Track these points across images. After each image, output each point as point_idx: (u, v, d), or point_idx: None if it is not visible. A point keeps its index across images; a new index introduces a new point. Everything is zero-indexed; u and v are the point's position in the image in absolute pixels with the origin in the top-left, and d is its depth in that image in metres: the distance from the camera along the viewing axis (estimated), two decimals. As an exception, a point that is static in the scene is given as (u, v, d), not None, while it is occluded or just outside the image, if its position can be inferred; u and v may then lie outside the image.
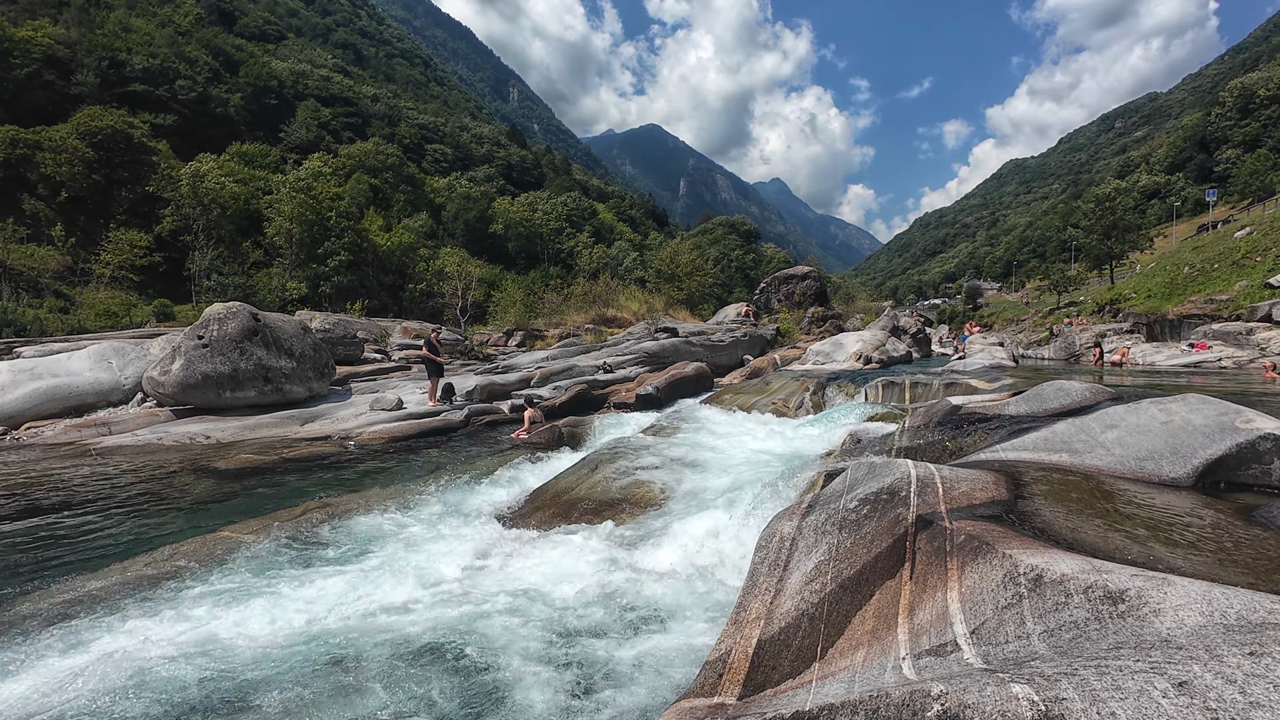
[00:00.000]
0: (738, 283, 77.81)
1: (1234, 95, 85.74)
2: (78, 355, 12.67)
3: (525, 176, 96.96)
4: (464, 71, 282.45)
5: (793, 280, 28.63)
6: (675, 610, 3.80)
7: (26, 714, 2.80)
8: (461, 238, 61.86)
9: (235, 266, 35.16)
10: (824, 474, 4.50)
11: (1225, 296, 31.73)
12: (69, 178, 33.17)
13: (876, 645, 2.15)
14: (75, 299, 26.30)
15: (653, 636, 3.50)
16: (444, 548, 5.03)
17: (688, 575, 4.29)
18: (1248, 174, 64.04)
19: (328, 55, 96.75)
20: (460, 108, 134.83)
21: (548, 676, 3.13)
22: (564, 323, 29.36)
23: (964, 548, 2.31)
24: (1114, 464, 3.55)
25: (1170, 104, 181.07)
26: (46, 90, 41.06)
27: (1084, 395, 4.96)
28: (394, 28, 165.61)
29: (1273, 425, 3.31)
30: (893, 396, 10.41)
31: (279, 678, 3.12)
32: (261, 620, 3.75)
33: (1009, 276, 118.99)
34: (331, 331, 17.47)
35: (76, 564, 4.84)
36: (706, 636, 3.41)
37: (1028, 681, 1.35)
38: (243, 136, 56.10)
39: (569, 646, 3.41)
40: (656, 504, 5.70)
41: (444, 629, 3.61)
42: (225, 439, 10.01)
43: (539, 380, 15.04)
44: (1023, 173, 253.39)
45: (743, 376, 16.31)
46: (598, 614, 3.78)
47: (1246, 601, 1.58)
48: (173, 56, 52.88)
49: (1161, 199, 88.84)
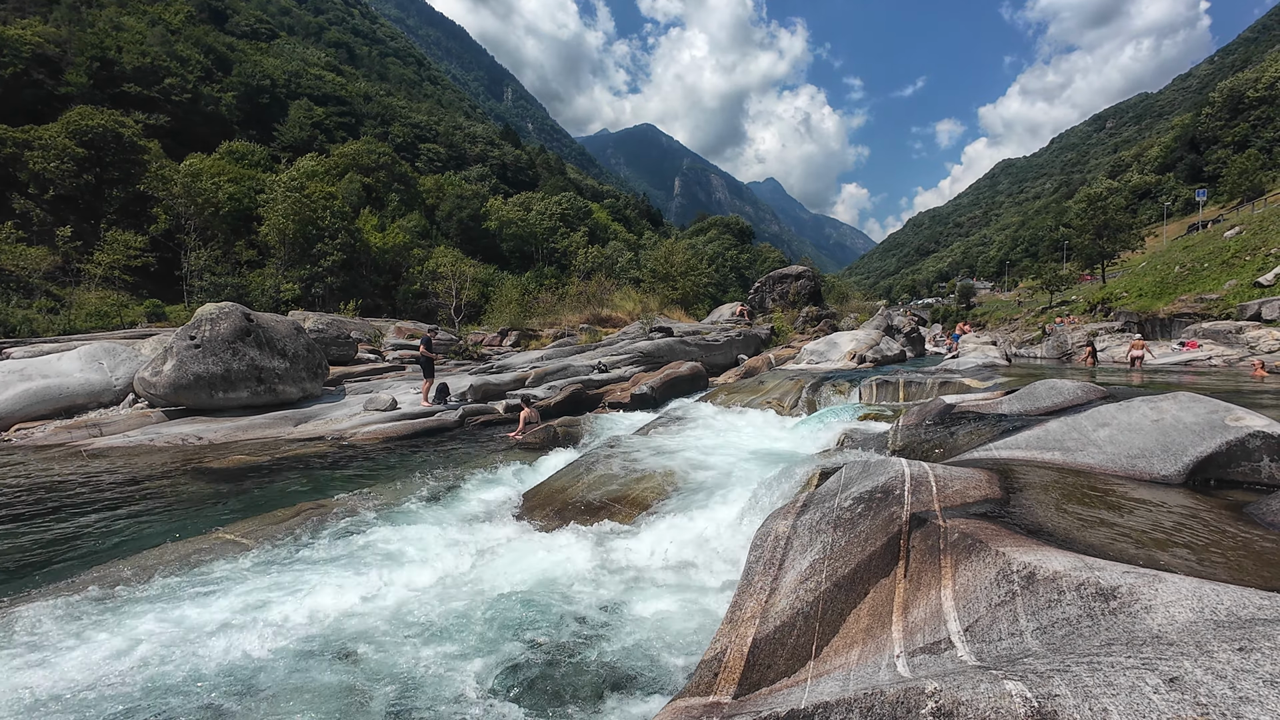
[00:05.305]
0: (732, 282, 77.84)
1: (1223, 96, 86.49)
2: (68, 356, 12.57)
3: (519, 176, 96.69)
4: (457, 71, 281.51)
5: (787, 280, 28.69)
6: (670, 609, 3.80)
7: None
8: (455, 237, 61.63)
9: (228, 266, 34.91)
10: (819, 473, 4.50)
11: (1215, 295, 32.02)
12: (58, 176, 32.84)
13: (871, 643, 2.16)
14: (66, 299, 26.05)
15: (647, 635, 3.49)
16: (439, 548, 5.01)
17: (682, 574, 4.29)
18: (1237, 174, 64.62)
19: (320, 54, 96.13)
20: (454, 107, 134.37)
21: (540, 677, 3.12)
22: (559, 323, 29.34)
23: (957, 546, 2.32)
24: (1106, 462, 3.58)
25: (1161, 104, 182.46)
26: (36, 89, 40.63)
27: (1076, 394, 4.99)
28: (387, 26, 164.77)
29: (1262, 423, 3.35)
30: (886, 395, 10.45)
31: (272, 681, 3.11)
32: (254, 621, 3.72)
33: (1002, 276, 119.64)
34: (325, 332, 17.40)
35: (62, 568, 4.79)
36: (701, 635, 3.41)
37: (1021, 678, 1.36)
38: (235, 136, 55.71)
39: (562, 647, 3.40)
40: (651, 504, 5.70)
41: (438, 629, 3.60)
42: (218, 440, 9.95)
43: (534, 380, 15.02)
44: (1015, 172, 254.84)
45: (737, 376, 16.33)
46: (591, 613, 3.78)
47: (1236, 598, 1.59)
48: (164, 55, 52.39)
49: (1153, 199, 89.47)
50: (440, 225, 62.63)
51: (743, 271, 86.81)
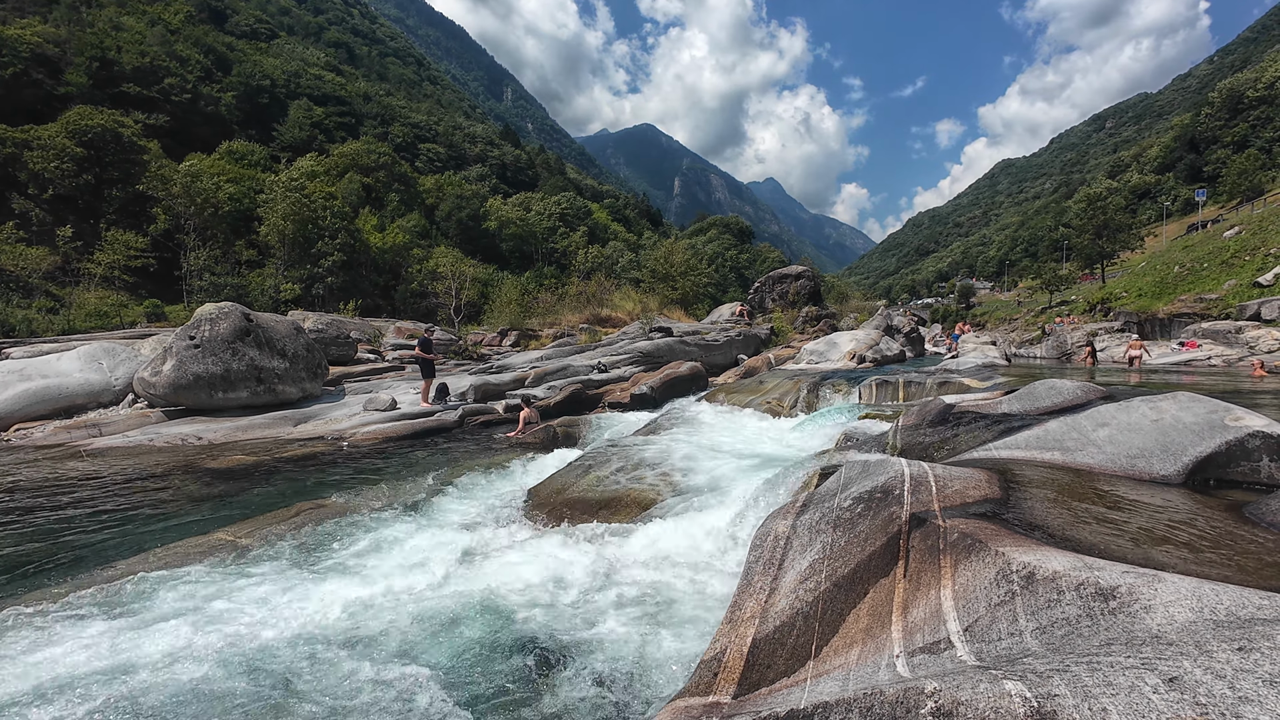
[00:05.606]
0: (732, 282, 77.79)
1: (1223, 96, 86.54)
2: (68, 356, 12.56)
3: (519, 176, 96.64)
4: (457, 71, 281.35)
5: (787, 280, 28.70)
6: (669, 609, 3.80)
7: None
8: (455, 237, 61.61)
9: (228, 266, 34.91)
10: (818, 473, 4.50)
11: (1215, 295, 32.06)
12: (58, 176, 32.84)
13: (871, 643, 2.16)
14: (65, 299, 26.05)
15: (646, 635, 3.49)
16: (438, 548, 5.00)
17: (681, 574, 4.29)
18: (1236, 174, 64.71)
19: (320, 54, 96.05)
20: (454, 107, 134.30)
21: (540, 677, 3.12)
22: (558, 323, 29.34)
23: (957, 546, 2.32)
24: (1105, 462, 3.58)
25: (1161, 104, 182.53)
26: (35, 89, 40.61)
27: (1076, 394, 4.99)
28: (386, 26, 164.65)
29: (1261, 423, 3.35)
30: (886, 395, 10.45)
31: (267, 684, 3.11)
32: (251, 623, 3.72)
33: (1001, 275, 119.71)
34: (325, 332, 17.39)
35: (57, 570, 4.79)
36: (700, 636, 3.41)
37: (1020, 678, 1.36)
38: (235, 136, 55.69)
39: (562, 647, 3.40)
40: (650, 503, 5.70)
41: (434, 630, 3.60)
42: (217, 440, 9.95)
43: (533, 380, 15.01)
44: (1014, 172, 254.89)
45: (737, 376, 16.34)
46: (591, 614, 3.78)
47: (1235, 597, 1.59)
48: (164, 55, 52.36)
49: (1152, 199, 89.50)
50: (440, 225, 62.60)
51: (742, 271, 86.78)
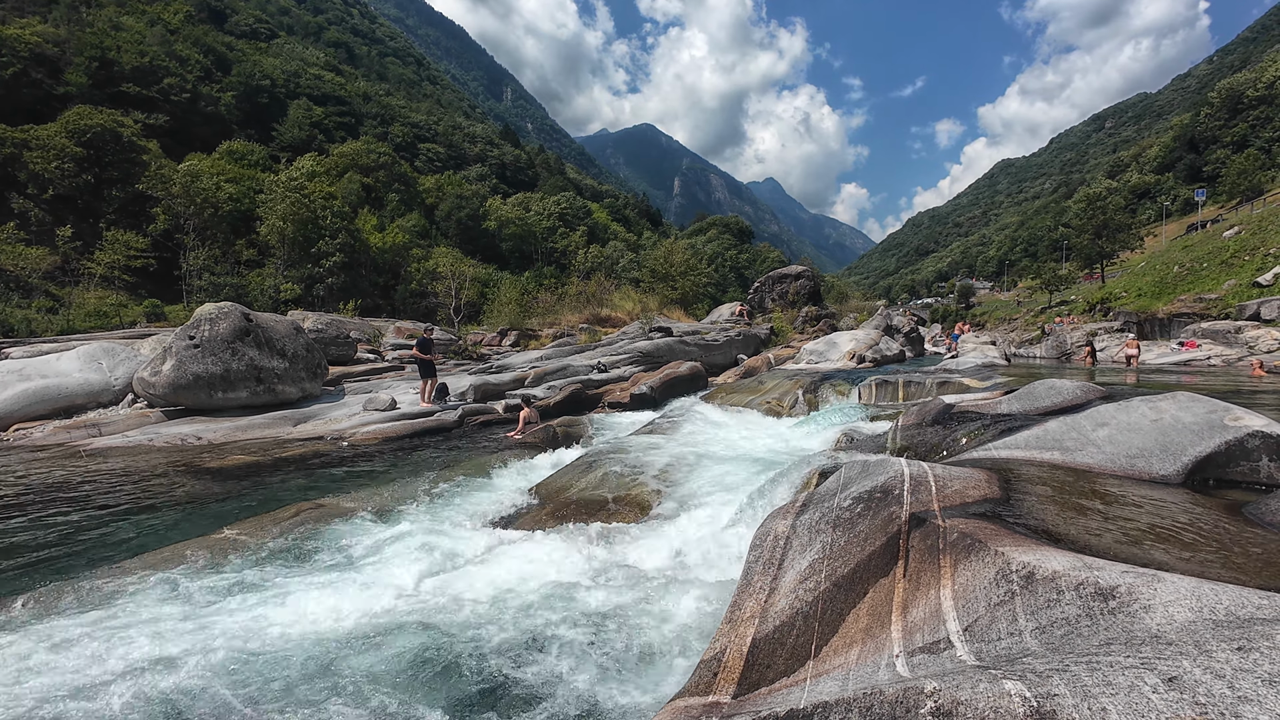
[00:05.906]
0: (732, 282, 77.77)
1: (1222, 96, 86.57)
2: (67, 356, 12.55)
3: (519, 176, 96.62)
4: (457, 70, 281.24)
5: (787, 280, 28.71)
6: (667, 609, 3.80)
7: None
8: (455, 237, 61.60)
9: (227, 266, 34.90)
10: (818, 472, 4.50)
11: (1214, 295, 32.08)
12: (58, 176, 32.82)
13: (870, 643, 2.16)
14: (65, 299, 26.04)
15: (645, 635, 3.49)
16: (438, 548, 5.00)
17: (681, 574, 4.29)
18: (1236, 174, 64.73)
19: (320, 54, 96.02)
20: (453, 107, 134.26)
21: (536, 677, 3.12)
22: (558, 323, 29.33)
23: (957, 545, 2.32)
24: (1105, 461, 3.58)
25: (1160, 104, 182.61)
26: (35, 89, 40.59)
27: (1075, 394, 4.99)
28: (386, 26, 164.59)
29: (1261, 423, 3.35)
30: (886, 395, 10.46)
31: (267, 685, 3.11)
32: (251, 624, 3.72)
33: (1001, 275, 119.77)
34: (324, 332, 17.39)
35: (56, 570, 4.79)
36: (701, 636, 3.41)
37: (1020, 678, 1.36)
38: (234, 135, 55.67)
39: (562, 647, 3.40)
40: (650, 503, 5.70)
41: (433, 629, 3.59)
42: (217, 440, 9.94)
43: (533, 380, 15.01)
44: (1014, 172, 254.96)
45: (737, 376, 16.34)
46: (591, 613, 3.78)
47: (1235, 597, 1.59)
48: (163, 55, 52.34)
49: (1152, 199, 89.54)
50: (440, 225, 62.60)
51: (742, 271, 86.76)
